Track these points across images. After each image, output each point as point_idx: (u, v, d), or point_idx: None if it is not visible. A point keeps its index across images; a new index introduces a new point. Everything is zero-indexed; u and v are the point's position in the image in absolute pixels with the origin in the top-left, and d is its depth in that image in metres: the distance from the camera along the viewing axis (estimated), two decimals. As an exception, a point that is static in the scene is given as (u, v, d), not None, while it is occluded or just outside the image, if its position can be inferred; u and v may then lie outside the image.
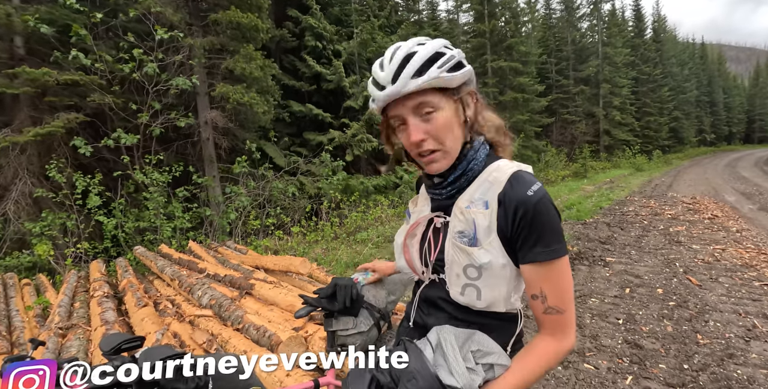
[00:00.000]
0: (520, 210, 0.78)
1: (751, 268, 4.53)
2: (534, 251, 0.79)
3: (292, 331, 2.36)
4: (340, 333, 1.33)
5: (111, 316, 3.15)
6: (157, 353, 0.83)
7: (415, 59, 0.79)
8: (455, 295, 0.87)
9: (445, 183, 0.90)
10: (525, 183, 0.80)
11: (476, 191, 0.86)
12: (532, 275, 0.81)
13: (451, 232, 0.87)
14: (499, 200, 0.81)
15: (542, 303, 0.81)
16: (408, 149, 0.88)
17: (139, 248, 5.81)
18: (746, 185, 12.64)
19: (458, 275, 0.85)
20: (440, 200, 0.93)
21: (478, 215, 0.83)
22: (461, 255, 0.84)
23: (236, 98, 7.20)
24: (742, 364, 2.57)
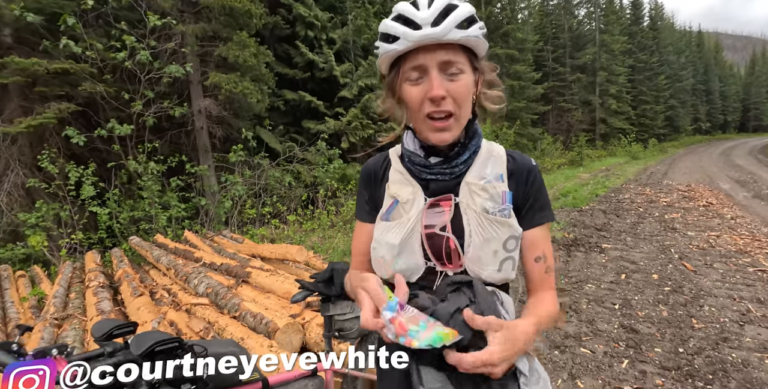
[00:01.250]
0: (530, 178, 0.85)
1: (745, 254, 4.56)
2: (541, 215, 0.86)
3: (289, 318, 2.36)
4: (338, 318, 1.32)
5: (107, 306, 3.13)
6: (148, 338, 0.81)
7: (460, 11, 0.75)
8: (490, 274, 0.81)
9: (459, 160, 0.84)
10: (523, 156, 0.89)
11: (484, 167, 0.86)
12: (537, 238, 0.85)
13: (473, 211, 0.81)
14: (510, 172, 0.86)
15: (543, 264, 0.85)
16: (417, 106, 0.78)
17: (135, 238, 5.77)
18: (741, 173, 12.70)
19: (496, 251, 0.80)
20: (444, 181, 0.85)
21: (501, 187, 0.83)
22: (501, 229, 0.80)
23: (229, 88, 7.09)
24: (736, 348, 2.60)
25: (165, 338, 0.81)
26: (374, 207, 0.92)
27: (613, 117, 25.16)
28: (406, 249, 0.83)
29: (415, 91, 0.78)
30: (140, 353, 0.78)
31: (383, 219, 0.87)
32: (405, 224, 0.84)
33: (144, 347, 0.79)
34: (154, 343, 0.79)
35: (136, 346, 0.80)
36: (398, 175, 0.90)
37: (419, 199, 0.85)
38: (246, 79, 7.53)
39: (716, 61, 50.32)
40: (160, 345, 0.80)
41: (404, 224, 0.84)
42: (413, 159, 0.86)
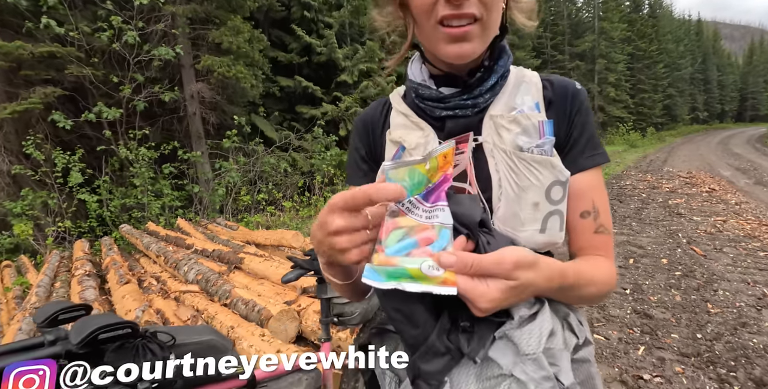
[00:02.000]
0: (575, 106, 0.65)
1: (754, 239, 4.44)
2: (590, 155, 0.65)
3: (284, 305, 2.20)
4: (336, 301, 1.15)
5: (91, 294, 2.97)
6: (91, 323, 0.63)
7: None
8: (531, 237, 0.59)
9: (484, 88, 0.62)
10: (564, 78, 0.67)
11: (514, 95, 0.64)
12: (584, 186, 0.64)
13: (502, 151, 0.61)
14: (548, 100, 0.64)
15: (594, 221, 0.63)
16: (427, 9, 0.56)
17: (125, 226, 5.59)
18: (740, 161, 12.61)
19: (537, 204, 0.59)
20: (463, 116, 0.63)
21: (538, 117, 0.61)
22: (542, 172, 0.59)
23: (222, 72, 6.84)
24: (756, 333, 2.47)
25: (113, 322, 0.63)
26: (374, 165, 0.74)
27: (611, 105, 24.97)
28: None
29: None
30: (78, 342, 0.61)
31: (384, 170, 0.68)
32: None
33: (83, 334, 0.61)
34: (97, 329, 0.61)
35: (75, 334, 0.63)
36: (401, 118, 0.69)
37: (431, 143, 0.65)
38: (239, 63, 7.27)
39: (714, 51, 50.02)
40: (105, 331, 0.62)
41: None
42: (422, 93, 0.65)
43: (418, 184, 0.49)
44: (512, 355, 0.51)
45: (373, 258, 0.45)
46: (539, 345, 0.50)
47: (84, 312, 0.78)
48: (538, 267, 0.47)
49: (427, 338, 0.51)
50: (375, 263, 0.45)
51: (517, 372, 0.50)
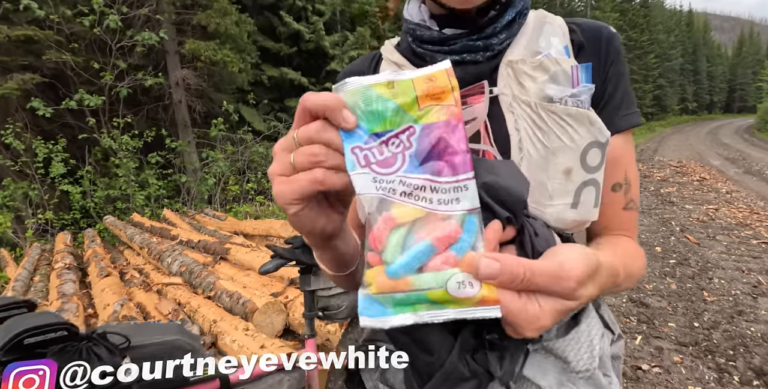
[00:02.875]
0: (612, 54, 0.52)
1: (746, 227, 4.43)
2: (624, 114, 0.53)
3: (270, 297, 2.10)
4: (321, 293, 1.05)
5: (69, 288, 2.83)
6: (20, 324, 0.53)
7: None
8: (560, 213, 0.47)
9: (498, 27, 0.50)
10: (595, 22, 0.55)
11: (537, 36, 0.52)
12: (618, 153, 0.52)
13: (522, 104, 0.48)
14: (578, 44, 0.52)
15: (624, 195, 0.53)
16: None
17: (109, 217, 5.43)
18: (729, 151, 12.73)
19: (569, 171, 0.46)
20: (477, 63, 0.51)
21: (566, 62, 0.48)
22: (577, 131, 0.46)
23: (208, 55, 6.62)
24: (753, 321, 2.43)
25: (43, 324, 0.53)
26: None
27: (602, 95, 25.02)
28: None
29: None
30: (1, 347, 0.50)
31: None
32: None
33: (5, 338, 0.50)
34: (22, 332, 0.51)
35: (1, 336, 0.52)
36: (394, 68, 0.57)
37: None
38: (226, 47, 7.05)
39: (704, 42, 50.25)
40: (31, 335, 0.51)
41: None
42: (420, 34, 0.53)
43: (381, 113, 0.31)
44: (556, 373, 0.40)
45: (369, 281, 0.31)
46: (592, 357, 0.40)
47: (26, 310, 0.67)
48: (599, 276, 0.36)
49: (444, 363, 0.39)
50: (373, 291, 0.31)
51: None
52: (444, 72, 0.32)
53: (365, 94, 0.31)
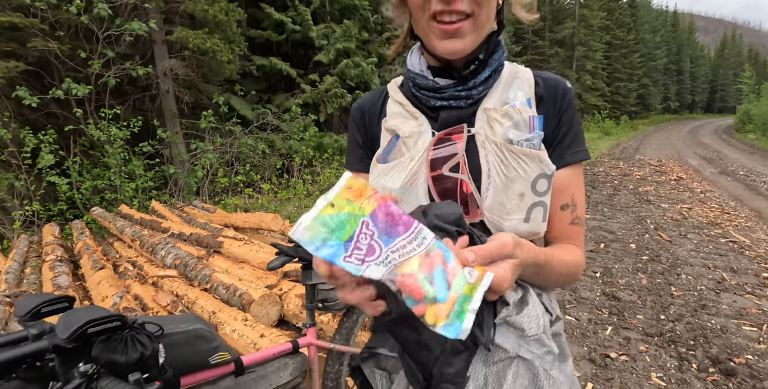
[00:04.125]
0: (564, 103, 0.68)
1: (716, 226, 4.67)
2: (572, 151, 0.68)
3: (266, 289, 2.20)
4: (321, 287, 1.16)
5: (64, 281, 2.88)
6: (79, 317, 0.62)
7: None
8: (515, 226, 0.63)
9: (478, 81, 0.65)
10: (554, 75, 0.70)
11: (507, 89, 0.67)
12: (566, 181, 0.68)
13: (493, 143, 0.64)
14: (539, 96, 0.67)
15: (571, 213, 0.69)
16: (421, 4, 0.60)
17: (97, 209, 5.41)
18: (707, 150, 13.14)
19: (522, 195, 0.62)
20: (459, 108, 0.66)
21: (528, 112, 0.64)
22: (529, 165, 0.62)
23: (197, 43, 6.57)
24: (714, 314, 2.63)
25: (101, 316, 0.63)
26: (370, 152, 0.76)
27: (588, 93, 25.38)
28: (410, 195, 0.66)
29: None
30: (67, 336, 0.60)
31: (380, 161, 0.70)
32: (407, 164, 0.67)
33: (72, 328, 0.60)
34: (87, 323, 0.61)
35: (63, 328, 0.61)
36: (398, 107, 0.72)
37: (426, 133, 0.67)
38: (214, 36, 7.00)
39: (689, 42, 51.18)
40: (94, 325, 0.61)
41: (405, 164, 0.67)
42: (418, 82, 0.68)
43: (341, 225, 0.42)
44: (515, 338, 0.55)
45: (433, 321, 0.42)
46: (539, 326, 0.55)
47: (67, 305, 0.77)
48: (523, 246, 0.52)
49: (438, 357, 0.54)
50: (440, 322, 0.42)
51: (522, 353, 0.55)
52: (352, 178, 0.44)
53: (320, 221, 0.41)
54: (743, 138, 17.90)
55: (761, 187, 7.05)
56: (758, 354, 2.20)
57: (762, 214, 5.30)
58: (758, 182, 7.55)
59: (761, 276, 3.25)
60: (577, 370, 2.09)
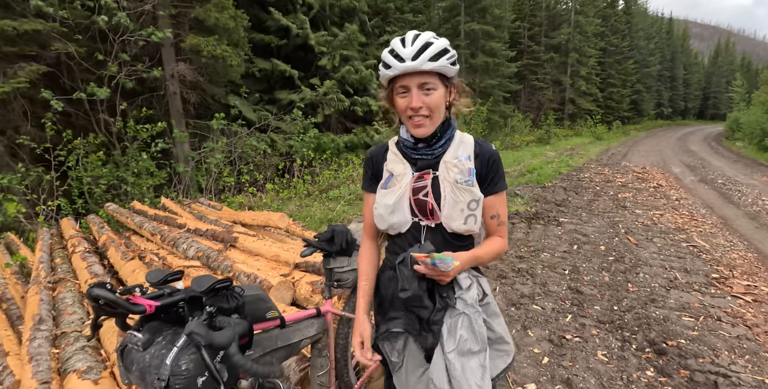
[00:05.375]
0: (491, 160, 1.19)
1: (682, 231, 5.14)
2: (496, 185, 1.19)
3: (281, 277, 2.61)
4: (337, 270, 1.59)
5: (99, 269, 3.27)
6: (206, 279, 1.04)
7: (432, 48, 1.07)
8: (458, 226, 1.15)
9: (437, 146, 1.17)
10: (487, 143, 1.22)
11: (457, 150, 1.19)
12: (493, 202, 1.19)
13: (447, 181, 1.15)
14: (476, 154, 1.19)
15: (497, 220, 1.21)
16: (403, 111, 1.12)
17: (111, 205, 5.78)
18: (692, 158, 13.64)
19: (462, 210, 1.13)
20: (428, 160, 1.18)
21: (468, 164, 1.16)
22: (465, 194, 1.13)
23: (209, 50, 6.95)
24: (660, 307, 3.08)
25: (220, 279, 1.04)
26: (377, 180, 1.26)
27: (581, 98, 25.93)
28: (398, 208, 1.18)
29: (402, 102, 1.12)
30: (204, 290, 1.02)
31: (382, 188, 1.23)
32: (397, 191, 1.19)
33: (206, 285, 1.01)
34: (215, 282, 1.02)
35: (197, 285, 1.03)
36: (394, 156, 1.24)
37: (409, 173, 1.20)
38: (223, 42, 7.39)
39: (683, 49, 52.01)
40: (218, 284, 1.03)
41: (397, 191, 1.19)
42: (405, 144, 1.21)
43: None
44: (462, 304, 1.10)
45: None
46: (472, 298, 1.09)
47: (179, 276, 1.19)
48: (458, 255, 1.10)
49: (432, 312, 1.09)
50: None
51: (466, 311, 1.11)
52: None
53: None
54: (731, 146, 18.43)
55: (734, 196, 7.53)
56: (690, 339, 2.65)
57: (728, 221, 5.78)
58: (733, 190, 8.03)
59: (710, 277, 3.71)
60: (537, 348, 2.53)
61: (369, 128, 11.02)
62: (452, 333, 1.08)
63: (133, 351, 1.01)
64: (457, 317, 1.10)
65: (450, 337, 1.08)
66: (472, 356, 1.08)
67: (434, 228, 1.19)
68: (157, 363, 0.96)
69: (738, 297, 3.32)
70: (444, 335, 1.08)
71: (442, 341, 1.09)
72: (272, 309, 1.29)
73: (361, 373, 1.82)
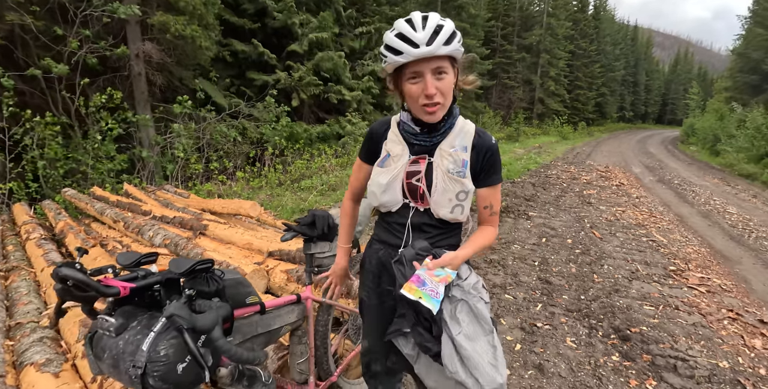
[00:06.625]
0: (488, 153, 1.19)
1: (642, 227, 5.40)
2: (491, 178, 1.21)
3: (255, 265, 2.54)
4: (318, 256, 1.55)
5: (56, 257, 3.08)
6: (186, 261, 0.98)
7: (444, 31, 1.03)
8: (445, 214, 1.17)
9: (437, 133, 1.15)
10: (488, 135, 1.21)
11: (455, 139, 1.17)
12: (486, 194, 1.22)
13: (440, 169, 1.15)
14: (474, 145, 1.18)
15: (490, 210, 1.24)
16: (416, 98, 1.08)
17: (69, 190, 5.45)
18: (651, 159, 14.33)
19: (450, 199, 1.15)
20: (425, 146, 1.17)
21: (462, 155, 1.16)
22: (455, 185, 1.14)
23: (178, 29, 6.62)
24: (624, 297, 3.22)
25: (201, 259, 0.98)
26: (373, 154, 1.26)
27: (550, 98, 26.68)
28: (390, 188, 1.19)
29: (414, 88, 1.07)
30: (182, 272, 0.95)
31: (378, 166, 1.23)
32: (392, 171, 1.19)
33: (185, 267, 0.95)
34: (195, 263, 0.96)
35: (175, 267, 0.97)
36: (394, 136, 1.23)
37: (405, 155, 1.19)
38: (194, 22, 7.06)
39: (646, 56, 54.29)
40: (198, 265, 0.97)
41: (391, 171, 1.19)
42: (406, 128, 1.20)
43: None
44: (460, 292, 1.10)
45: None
46: (470, 286, 1.11)
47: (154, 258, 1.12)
48: (458, 257, 1.13)
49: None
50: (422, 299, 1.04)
51: (465, 298, 1.12)
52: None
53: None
54: (686, 150, 19.47)
55: (689, 195, 7.98)
56: (651, 326, 2.79)
57: (683, 218, 6.12)
58: (688, 191, 8.51)
59: (668, 269, 3.92)
60: (509, 335, 2.59)
61: (342, 119, 10.90)
62: (454, 318, 1.09)
63: (105, 337, 0.94)
64: (456, 303, 1.11)
65: (453, 322, 1.09)
66: (479, 337, 1.09)
67: (423, 212, 1.20)
68: (132, 349, 0.89)
69: (693, 288, 3.51)
70: (447, 320, 1.09)
71: (447, 327, 1.09)
72: (252, 294, 1.24)
73: (340, 361, 1.79)
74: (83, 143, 6.00)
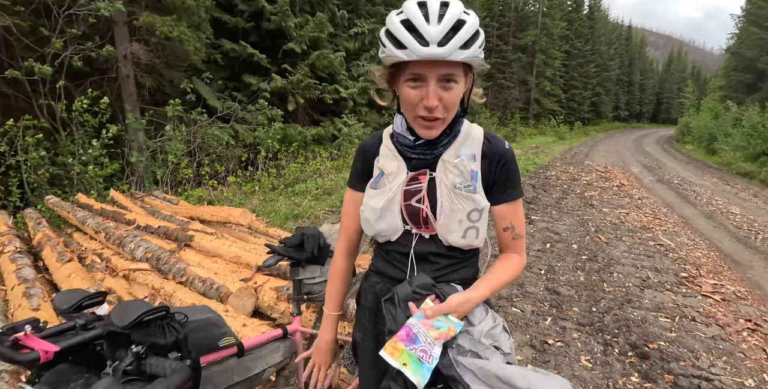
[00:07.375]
0: (502, 161, 0.95)
1: (648, 230, 5.23)
2: (508, 192, 0.96)
3: (241, 282, 2.34)
4: (307, 282, 1.35)
5: (29, 273, 2.85)
6: (132, 308, 0.78)
7: (465, 29, 0.79)
8: (456, 240, 0.93)
9: (439, 145, 0.93)
10: (499, 140, 0.98)
11: (461, 147, 0.94)
12: (505, 212, 0.97)
13: (444, 184, 0.92)
14: (484, 153, 0.95)
15: (511, 233, 0.99)
16: (412, 106, 0.86)
17: (52, 197, 5.21)
18: (648, 159, 14.24)
19: (461, 221, 0.91)
20: (425, 159, 0.95)
21: (471, 166, 0.92)
22: (465, 202, 0.91)
23: (164, 31, 6.40)
24: (637, 308, 3.04)
25: (152, 308, 0.78)
26: (366, 177, 1.02)
27: (546, 98, 26.61)
28: (387, 214, 0.96)
29: (413, 93, 0.84)
30: (127, 324, 0.75)
31: (371, 187, 1.00)
32: (387, 193, 0.96)
33: (131, 318, 0.75)
34: (144, 313, 0.76)
35: (119, 317, 0.76)
36: (387, 150, 1.00)
37: (402, 172, 0.96)
38: (182, 24, 6.83)
39: (640, 56, 54.47)
40: (148, 315, 0.76)
41: (386, 193, 0.96)
42: (400, 140, 0.97)
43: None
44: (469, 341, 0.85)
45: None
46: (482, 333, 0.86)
47: (101, 299, 0.91)
48: (469, 301, 0.86)
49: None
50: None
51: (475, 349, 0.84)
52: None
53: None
54: (681, 148, 19.45)
55: (690, 196, 7.85)
56: (669, 340, 2.60)
57: (688, 220, 5.96)
58: (689, 191, 8.38)
59: (679, 276, 3.74)
60: (519, 354, 2.40)
61: (337, 121, 10.69)
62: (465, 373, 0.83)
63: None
64: (463, 356, 0.83)
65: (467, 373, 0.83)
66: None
67: (428, 239, 0.97)
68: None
69: (707, 296, 3.34)
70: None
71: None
72: (227, 335, 1.04)
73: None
74: (70, 147, 5.75)
